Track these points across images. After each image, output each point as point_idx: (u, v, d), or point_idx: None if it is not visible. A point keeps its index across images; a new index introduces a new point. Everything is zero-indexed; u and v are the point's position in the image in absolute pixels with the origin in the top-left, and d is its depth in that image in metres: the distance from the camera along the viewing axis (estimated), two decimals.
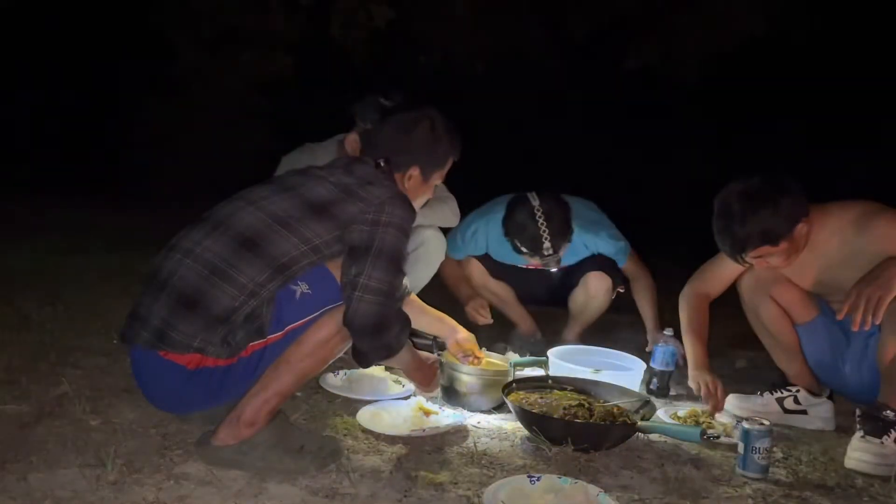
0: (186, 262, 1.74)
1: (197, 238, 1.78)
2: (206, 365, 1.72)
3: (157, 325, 1.71)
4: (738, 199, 2.22)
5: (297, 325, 1.77)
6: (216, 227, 1.79)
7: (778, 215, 2.19)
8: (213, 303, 1.69)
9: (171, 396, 1.83)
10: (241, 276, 1.71)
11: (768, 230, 2.19)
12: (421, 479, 1.73)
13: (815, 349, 2.44)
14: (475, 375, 2.32)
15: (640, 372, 2.61)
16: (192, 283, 1.72)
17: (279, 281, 1.73)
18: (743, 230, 2.20)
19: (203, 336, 1.69)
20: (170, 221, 1.88)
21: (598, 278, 3.06)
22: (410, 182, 2.01)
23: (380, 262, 1.74)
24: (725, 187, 2.29)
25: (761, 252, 2.24)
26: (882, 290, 1.98)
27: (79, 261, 4.33)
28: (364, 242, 1.76)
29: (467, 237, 3.11)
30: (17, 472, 1.61)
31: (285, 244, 1.75)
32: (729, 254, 2.30)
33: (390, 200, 1.82)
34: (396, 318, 1.80)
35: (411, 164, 2.00)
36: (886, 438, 1.99)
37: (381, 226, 1.78)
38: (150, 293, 1.77)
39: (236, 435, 1.71)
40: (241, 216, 1.80)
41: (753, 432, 1.88)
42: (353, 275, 1.74)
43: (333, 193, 1.84)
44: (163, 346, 1.70)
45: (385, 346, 1.79)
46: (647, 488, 1.79)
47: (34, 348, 2.57)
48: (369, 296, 1.72)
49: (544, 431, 2.00)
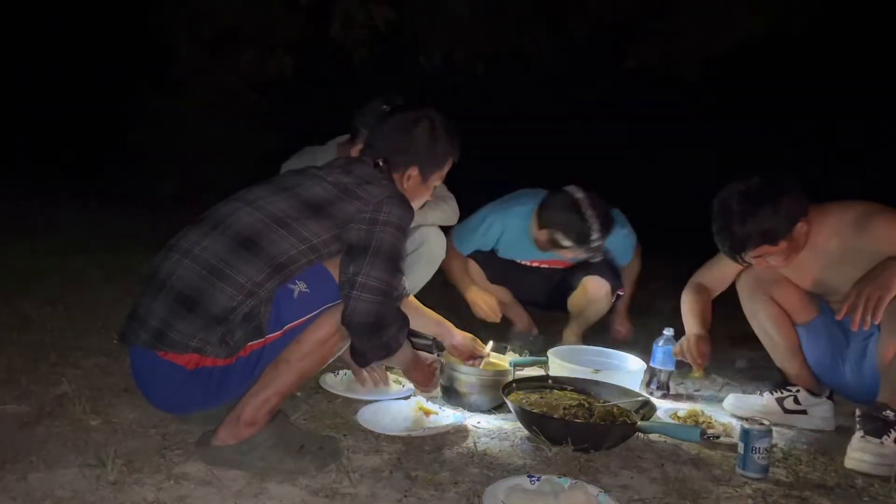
0: (185, 262, 1.75)
1: (195, 238, 1.79)
2: (205, 365, 1.72)
3: (155, 325, 1.72)
4: (737, 198, 2.22)
5: (295, 325, 1.77)
6: (214, 227, 1.80)
7: (777, 215, 2.19)
8: (211, 303, 1.70)
9: (170, 396, 1.83)
10: (239, 276, 1.71)
11: (768, 230, 2.19)
12: (421, 479, 1.73)
13: (814, 349, 2.44)
14: (475, 375, 2.33)
15: (640, 372, 2.61)
16: (190, 283, 1.72)
17: (277, 280, 1.74)
18: (743, 230, 2.20)
19: (201, 336, 1.69)
20: (170, 221, 1.88)
21: (595, 282, 3.07)
22: (409, 182, 2.01)
23: (378, 261, 1.75)
24: (725, 187, 2.29)
25: (761, 252, 2.24)
26: (881, 290, 1.98)
27: (79, 261, 4.33)
28: (362, 241, 1.77)
29: (480, 230, 3.11)
30: (17, 472, 1.61)
31: (283, 244, 1.75)
32: (728, 253, 2.31)
33: (388, 200, 1.82)
34: (395, 318, 1.80)
35: (410, 164, 2.00)
36: (886, 438, 1.99)
37: (378, 225, 1.78)
38: (149, 293, 1.77)
39: (236, 435, 1.71)
40: (239, 216, 1.80)
41: (753, 432, 1.88)
42: (351, 273, 1.74)
43: (331, 193, 1.84)
44: (161, 346, 1.71)
45: (383, 345, 1.79)
46: (647, 488, 1.79)
47: (34, 348, 2.57)
48: (367, 295, 1.72)
49: (544, 431, 2.00)
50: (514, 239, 3.10)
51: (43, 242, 4.90)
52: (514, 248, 3.14)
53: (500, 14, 7.36)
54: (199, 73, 9.09)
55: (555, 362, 2.61)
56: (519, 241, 3.08)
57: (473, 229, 3.12)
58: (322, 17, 6.88)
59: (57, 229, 5.61)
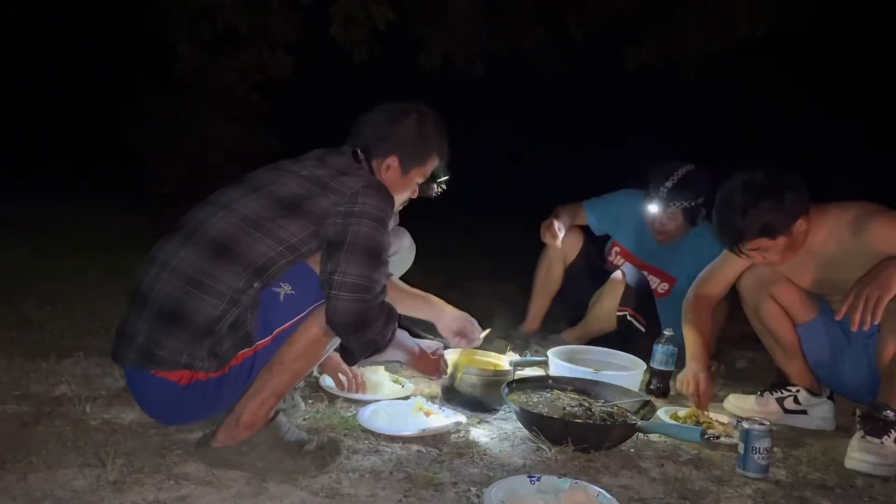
0: (163, 275, 1.71)
1: (172, 249, 1.75)
2: (198, 379, 1.69)
3: (142, 343, 1.68)
4: (740, 189, 2.23)
5: (285, 328, 1.73)
6: (189, 235, 1.76)
7: (779, 210, 2.20)
8: (194, 315, 1.66)
9: (167, 411, 1.81)
10: (218, 285, 1.67)
11: (768, 223, 2.20)
12: (421, 479, 1.73)
13: (815, 349, 2.44)
14: (475, 375, 2.32)
15: (640, 372, 2.61)
16: (172, 297, 1.68)
17: (259, 285, 1.70)
18: (743, 222, 2.21)
19: (189, 351, 1.65)
20: (170, 221, 1.87)
21: (617, 281, 3.05)
22: (388, 173, 1.93)
23: (354, 256, 1.68)
24: (730, 178, 2.29)
25: (758, 244, 2.24)
26: (881, 290, 1.98)
27: (79, 261, 4.33)
28: (338, 237, 1.71)
29: (612, 204, 3.26)
30: (17, 472, 1.61)
31: (260, 246, 1.71)
32: (727, 244, 2.31)
33: (363, 190, 1.76)
34: (378, 312, 1.72)
35: (390, 153, 1.92)
36: (886, 438, 1.99)
37: (354, 217, 1.72)
38: (134, 309, 1.74)
39: (235, 437, 1.70)
40: (212, 222, 1.76)
41: (753, 432, 1.88)
42: (328, 272, 1.68)
43: (305, 188, 1.78)
44: (151, 364, 1.68)
45: (370, 342, 1.73)
46: (647, 488, 1.79)
47: (34, 348, 2.57)
48: (346, 293, 1.66)
49: (544, 431, 2.00)
50: (632, 214, 3.19)
51: (43, 242, 4.90)
52: (634, 219, 3.20)
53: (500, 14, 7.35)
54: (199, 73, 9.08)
55: (555, 362, 2.61)
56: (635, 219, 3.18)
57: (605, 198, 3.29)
58: (322, 17, 6.87)
59: (57, 229, 5.61)
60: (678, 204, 2.99)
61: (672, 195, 2.98)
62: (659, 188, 3.00)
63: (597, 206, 3.29)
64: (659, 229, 3.08)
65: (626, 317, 3.02)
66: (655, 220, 3.07)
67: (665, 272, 3.15)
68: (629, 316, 3.01)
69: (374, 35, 6.85)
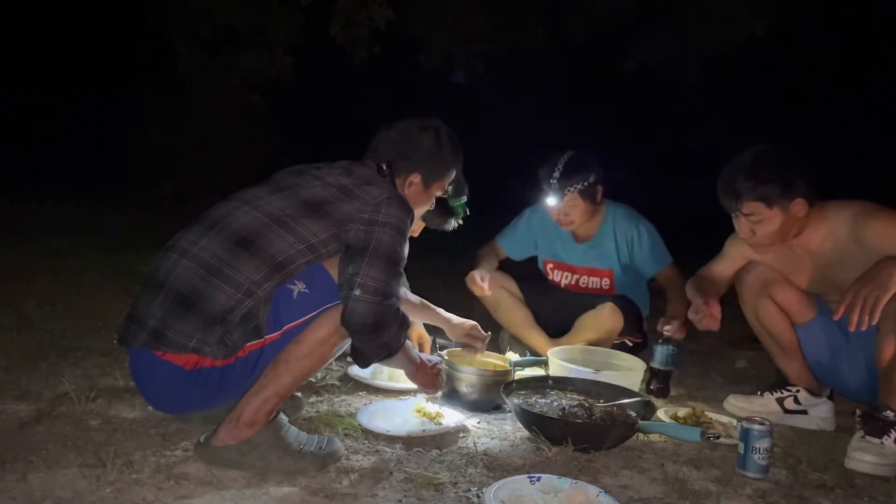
0: (183, 261, 1.75)
1: (193, 238, 1.79)
2: (204, 365, 1.72)
3: (153, 325, 1.72)
4: (751, 155, 2.28)
5: (294, 325, 1.77)
6: (212, 226, 1.80)
7: (782, 180, 2.22)
8: (209, 302, 1.70)
9: (168, 397, 1.83)
10: (237, 275, 1.71)
11: (768, 189, 2.22)
12: (421, 479, 1.73)
13: (814, 349, 2.44)
14: (475, 375, 2.33)
15: (640, 372, 2.61)
16: (188, 283, 1.72)
17: (276, 280, 1.74)
18: (745, 183, 2.24)
19: (199, 336, 1.69)
20: (170, 221, 1.88)
21: (613, 311, 2.93)
22: (411, 189, 2.02)
23: (376, 261, 1.74)
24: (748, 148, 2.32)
25: (754, 209, 2.25)
26: (879, 290, 1.98)
27: (79, 261, 4.33)
28: (361, 242, 1.76)
29: (520, 223, 3.24)
30: (17, 472, 1.61)
31: (281, 243, 1.76)
32: (725, 201, 2.32)
33: (387, 201, 1.82)
34: (394, 318, 1.79)
35: (412, 171, 2.01)
36: (886, 438, 1.99)
37: (378, 226, 1.78)
38: (147, 294, 1.77)
39: (236, 435, 1.71)
40: (236, 216, 1.81)
41: (753, 432, 1.88)
42: (350, 274, 1.74)
43: (330, 193, 1.84)
44: (159, 345, 1.71)
45: (383, 345, 1.79)
46: (647, 488, 1.79)
47: (34, 348, 2.57)
48: (366, 295, 1.72)
49: (544, 431, 2.00)
50: (544, 227, 3.17)
51: (43, 242, 4.90)
52: (548, 232, 3.17)
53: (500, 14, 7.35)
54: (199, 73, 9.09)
55: (555, 362, 2.61)
56: (548, 230, 3.16)
57: (513, 225, 3.27)
58: (322, 17, 6.87)
59: (57, 229, 5.61)
60: (572, 189, 2.94)
61: (563, 182, 2.94)
62: (549, 181, 2.96)
63: (508, 235, 3.27)
64: (565, 221, 3.03)
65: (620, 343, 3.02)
66: (559, 213, 3.02)
67: (597, 268, 3.12)
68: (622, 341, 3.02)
69: (374, 35, 6.86)
